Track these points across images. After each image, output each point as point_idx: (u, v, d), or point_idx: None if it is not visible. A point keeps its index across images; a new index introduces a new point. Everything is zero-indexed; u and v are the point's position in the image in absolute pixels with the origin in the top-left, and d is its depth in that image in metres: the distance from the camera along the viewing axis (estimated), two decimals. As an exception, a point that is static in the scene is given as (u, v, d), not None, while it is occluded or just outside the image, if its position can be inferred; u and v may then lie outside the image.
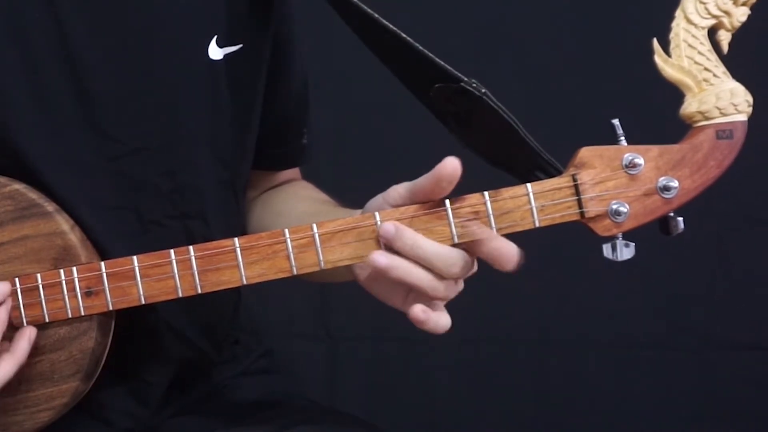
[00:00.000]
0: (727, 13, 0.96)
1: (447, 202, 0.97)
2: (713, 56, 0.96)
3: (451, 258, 0.96)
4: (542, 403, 2.03)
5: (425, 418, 2.04)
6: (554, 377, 2.02)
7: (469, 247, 0.97)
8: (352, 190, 1.07)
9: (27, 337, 1.02)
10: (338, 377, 2.05)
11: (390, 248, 0.97)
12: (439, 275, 0.96)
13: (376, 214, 0.98)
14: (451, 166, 0.94)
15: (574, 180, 0.97)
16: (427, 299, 0.98)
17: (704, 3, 0.95)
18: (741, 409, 1.98)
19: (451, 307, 1.00)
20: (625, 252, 0.98)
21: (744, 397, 1.97)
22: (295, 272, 1.00)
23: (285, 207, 1.26)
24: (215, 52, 1.13)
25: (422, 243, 0.96)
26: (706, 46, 0.96)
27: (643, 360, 2.00)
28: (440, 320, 0.98)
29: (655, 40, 0.97)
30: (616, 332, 1.99)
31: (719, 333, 1.98)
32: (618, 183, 0.97)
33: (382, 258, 0.96)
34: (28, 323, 1.03)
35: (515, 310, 1.99)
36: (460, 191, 0.97)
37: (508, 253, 0.95)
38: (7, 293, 1.02)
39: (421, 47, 1.01)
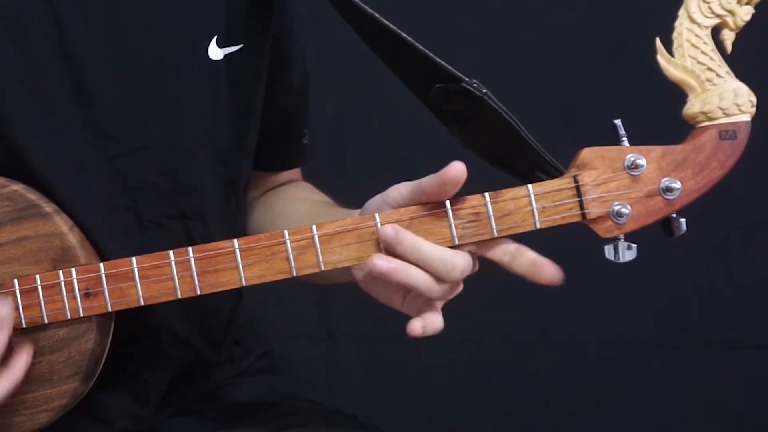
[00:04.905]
0: (730, 12, 0.95)
1: (447, 203, 0.97)
2: (717, 56, 0.96)
3: (452, 261, 0.96)
4: (542, 402, 2.02)
5: (425, 418, 2.04)
6: (554, 377, 2.01)
7: (507, 264, 0.97)
8: (352, 190, 1.07)
9: (25, 355, 1.01)
10: (338, 377, 2.05)
11: (390, 251, 0.96)
12: (439, 278, 0.96)
13: (376, 215, 0.98)
14: (457, 169, 0.94)
15: (576, 181, 0.97)
16: (426, 300, 0.98)
17: (708, 2, 0.95)
18: (741, 409, 1.97)
19: (451, 307, 1.00)
20: (627, 254, 0.98)
21: (744, 397, 1.97)
22: (294, 273, 1.00)
23: (284, 208, 1.26)
24: (215, 52, 1.13)
25: (423, 247, 0.96)
26: (710, 46, 0.95)
27: (643, 360, 1.99)
28: (435, 323, 0.99)
29: (657, 40, 0.97)
30: (616, 332, 1.99)
31: (719, 333, 1.97)
32: (620, 184, 0.96)
33: (382, 262, 0.96)
34: (27, 324, 1.03)
35: (515, 310, 1.98)
36: (460, 192, 0.97)
37: (549, 269, 0.97)
38: (9, 317, 1.01)
39: (422, 47, 1.01)
